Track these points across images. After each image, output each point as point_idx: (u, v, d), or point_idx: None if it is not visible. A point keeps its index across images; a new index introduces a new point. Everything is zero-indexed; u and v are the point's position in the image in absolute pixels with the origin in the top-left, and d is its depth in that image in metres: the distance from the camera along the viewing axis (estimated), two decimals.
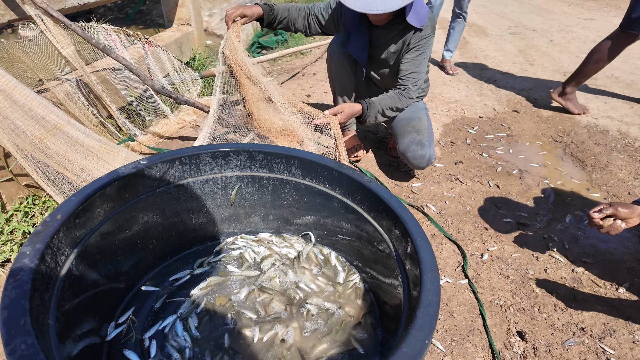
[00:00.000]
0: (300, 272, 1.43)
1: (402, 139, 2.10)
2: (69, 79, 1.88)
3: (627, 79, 3.96)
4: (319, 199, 1.44)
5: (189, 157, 1.34)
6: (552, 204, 2.11)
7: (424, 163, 2.06)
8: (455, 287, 1.56)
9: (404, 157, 2.11)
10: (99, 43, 1.81)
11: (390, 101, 1.97)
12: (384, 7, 1.68)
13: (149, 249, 1.37)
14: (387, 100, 1.96)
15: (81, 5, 1.91)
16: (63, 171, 1.45)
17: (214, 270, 1.43)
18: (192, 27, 3.30)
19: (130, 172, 1.22)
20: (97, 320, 1.18)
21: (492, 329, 1.39)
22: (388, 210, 1.17)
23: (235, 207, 1.53)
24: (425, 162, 2.06)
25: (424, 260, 0.97)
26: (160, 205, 1.35)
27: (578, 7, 7.83)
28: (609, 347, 1.34)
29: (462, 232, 1.87)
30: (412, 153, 2.05)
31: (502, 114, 3.19)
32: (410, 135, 2.08)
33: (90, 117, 1.90)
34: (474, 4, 8.18)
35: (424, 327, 0.81)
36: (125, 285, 1.33)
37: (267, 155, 1.42)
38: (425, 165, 2.08)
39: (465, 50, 4.95)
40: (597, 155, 2.57)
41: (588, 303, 1.51)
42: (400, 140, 2.12)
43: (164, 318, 1.24)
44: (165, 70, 2.52)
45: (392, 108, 1.98)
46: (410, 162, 2.09)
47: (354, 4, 1.69)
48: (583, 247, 1.80)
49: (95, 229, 1.14)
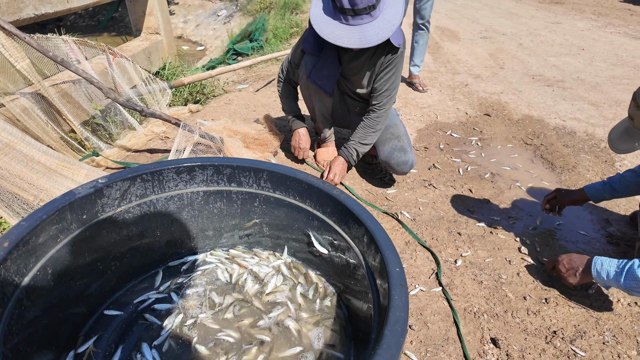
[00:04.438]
0: (273, 290, 1.40)
1: (383, 146, 2.10)
2: (26, 93, 1.79)
3: (592, 81, 4.10)
4: (289, 211, 1.41)
5: (151, 173, 1.29)
6: (523, 206, 2.14)
7: (407, 168, 2.08)
8: (429, 295, 1.55)
9: (387, 164, 2.10)
10: (57, 56, 1.73)
11: (366, 130, 2.02)
12: (378, 38, 1.66)
13: (112, 271, 1.31)
14: (361, 132, 2.03)
15: (38, 16, 1.84)
16: (18, 191, 1.38)
17: (182, 290, 1.38)
18: (162, 36, 3.23)
19: (88, 193, 1.16)
20: (54, 351, 1.11)
21: (466, 337, 1.39)
22: (357, 222, 1.15)
23: (204, 223, 1.48)
24: (409, 168, 2.08)
25: (392, 273, 0.95)
26: (122, 224, 1.29)
27: (545, 11, 8.09)
28: (580, 349, 1.35)
29: (435, 238, 1.87)
30: (395, 160, 2.05)
31: (474, 117, 3.23)
32: (390, 142, 2.09)
33: (50, 133, 1.82)
34: (446, 9, 8.36)
35: (391, 346, 0.79)
36: (87, 311, 1.27)
37: (235, 169, 1.39)
38: (408, 171, 2.10)
39: (438, 55, 5.03)
40: (565, 157, 2.63)
41: (559, 305, 1.53)
42: (381, 148, 2.11)
43: (129, 344, 1.18)
44: (132, 82, 2.45)
45: (372, 133, 2.04)
46: (394, 169, 2.09)
47: (350, 43, 1.66)
48: (554, 249, 1.83)
49: (49, 255, 1.07)
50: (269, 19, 6.22)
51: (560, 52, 5.02)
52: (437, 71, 4.40)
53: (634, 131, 1.30)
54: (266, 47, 5.21)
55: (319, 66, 1.94)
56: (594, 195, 1.79)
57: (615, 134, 1.39)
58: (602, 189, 1.77)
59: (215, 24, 7.81)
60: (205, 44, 7.19)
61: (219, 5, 8.35)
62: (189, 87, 3.07)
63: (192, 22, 8.30)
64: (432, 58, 4.88)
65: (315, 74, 1.95)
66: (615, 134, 1.39)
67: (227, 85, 3.84)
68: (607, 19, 7.20)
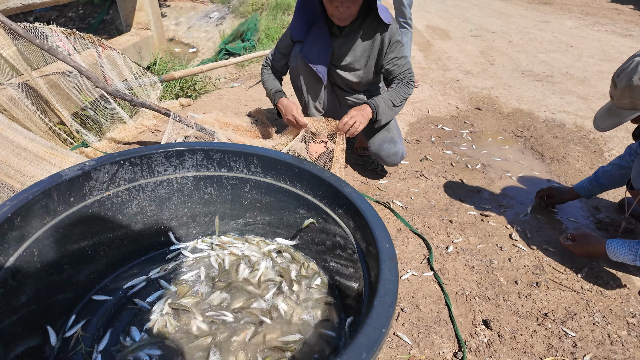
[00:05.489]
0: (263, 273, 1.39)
1: (373, 138, 2.10)
2: (13, 84, 1.77)
3: (580, 76, 4.15)
4: (280, 196, 1.40)
5: (140, 157, 1.28)
6: (513, 195, 2.16)
7: (397, 159, 2.08)
8: (421, 279, 1.55)
9: (377, 156, 2.11)
10: (44, 44, 1.71)
11: (397, 92, 1.94)
12: None
13: (101, 256, 1.29)
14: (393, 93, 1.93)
15: (25, 5, 1.82)
16: (4, 178, 1.35)
17: (172, 276, 1.37)
18: (152, 32, 3.21)
19: (75, 175, 1.15)
20: (41, 335, 1.09)
21: (457, 319, 1.39)
22: (347, 202, 1.15)
23: (194, 209, 1.47)
24: (399, 159, 2.08)
25: (382, 249, 0.95)
26: (110, 209, 1.28)
27: (534, 11, 8.19)
28: (571, 330, 1.36)
29: (427, 226, 1.88)
30: (385, 151, 2.05)
31: (465, 112, 3.26)
32: (380, 134, 2.09)
33: (38, 123, 1.80)
34: (437, 9, 8.43)
35: (380, 316, 0.79)
36: (75, 296, 1.25)
37: (225, 154, 1.38)
38: (398, 162, 2.10)
39: (429, 53, 5.06)
40: (555, 148, 2.66)
41: (550, 289, 1.54)
42: (371, 140, 2.11)
43: (118, 328, 1.17)
44: (122, 75, 2.43)
45: (401, 101, 1.96)
46: (384, 160, 2.09)
47: None
48: (544, 235, 1.84)
49: (35, 236, 1.05)
50: (261, 19, 6.23)
51: (549, 48, 5.08)
52: (429, 68, 4.42)
53: (614, 109, 1.38)
54: (258, 47, 5.21)
55: (310, 41, 1.92)
56: (585, 193, 1.89)
57: (599, 114, 1.46)
58: (591, 185, 1.86)
59: (207, 26, 7.79)
60: (198, 45, 7.17)
61: (210, 7, 8.33)
62: (180, 82, 3.06)
63: (184, 24, 8.27)
64: (423, 55, 4.91)
65: (307, 48, 1.92)
66: (599, 114, 1.46)
67: (218, 82, 3.83)
68: (594, 18, 7.30)
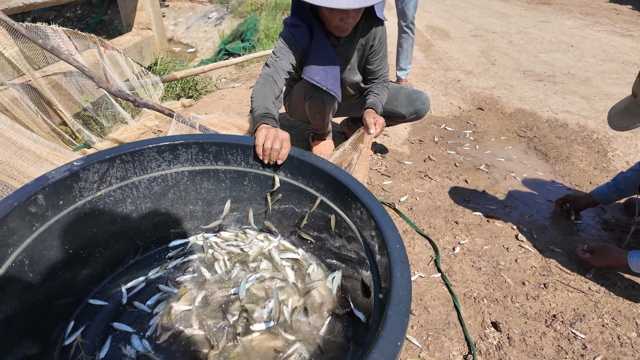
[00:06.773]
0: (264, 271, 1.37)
1: (397, 103, 2.15)
2: (15, 84, 1.75)
3: (582, 75, 4.15)
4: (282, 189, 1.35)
5: (131, 153, 1.22)
6: (518, 196, 2.15)
7: (428, 101, 2.18)
8: (428, 281, 1.54)
9: (414, 111, 2.16)
10: (47, 44, 1.70)
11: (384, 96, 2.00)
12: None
13: (96, 259, 1.24)
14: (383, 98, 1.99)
15: (27, 5, 1.80)
16: (6, 179, 1.34)
17: (172, 276, 1.33)
18: (153, 32, 3.19)
19: (62, 177, 1.08)
20: (40, 344, 1.04)
21: (466, 321, 1.38)
22: (354, 198, 1.10)
23: (192, 205, 1.42)
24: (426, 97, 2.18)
25: (392, 251, 0.92)
26: (103, 209, 1.22)
27: (533, 11, 8.20)
28: (580, 332, 1.35)
29: (433, 227, 1.86)
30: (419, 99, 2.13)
31: (467, 112, 3.25)
32: (398, 95, 2.15)
33: (40, 124, 1.78)
34: (437, 9, 8.43)
35: (395, 327, 0.75)
36: (72, 301, 1.20)
37: (221, 146, 1.32)
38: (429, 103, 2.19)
39: (430, 53, 5.06)
40: (558, 148, 2.65)
41: (558, 290, 1.53)
42: (398, 107, 2.16)
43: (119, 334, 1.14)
44: (124, 75, 2.42)
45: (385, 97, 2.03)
46: (422, 108, 2.16)
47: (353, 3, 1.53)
48: (550, 236, 1.83)
49: (24, 245, 1.00)
50: (261, 19, 6.21)
51: (550, 48, 5.08)
52: (430, 68, 4.42)
53: (634, 108, 1.31)
54: (258, 47, 5.19)
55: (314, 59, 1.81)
56: (603, 199, 1.83)
57: (615, 111, 1.40)
58: (609, 191, 1.81)
59: (206, 26, 7.76)
60: (196, 46, 7.14)
61: (209, 7, 8.31)
62: (181, 83, 3.04)
63: (183, 24, 8.24)
64: (424, 55, 4.91)
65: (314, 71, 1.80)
66: (615, 111, 1.40)
67: (219, 82, 3.81)
68: (594, 18, 7.31)
